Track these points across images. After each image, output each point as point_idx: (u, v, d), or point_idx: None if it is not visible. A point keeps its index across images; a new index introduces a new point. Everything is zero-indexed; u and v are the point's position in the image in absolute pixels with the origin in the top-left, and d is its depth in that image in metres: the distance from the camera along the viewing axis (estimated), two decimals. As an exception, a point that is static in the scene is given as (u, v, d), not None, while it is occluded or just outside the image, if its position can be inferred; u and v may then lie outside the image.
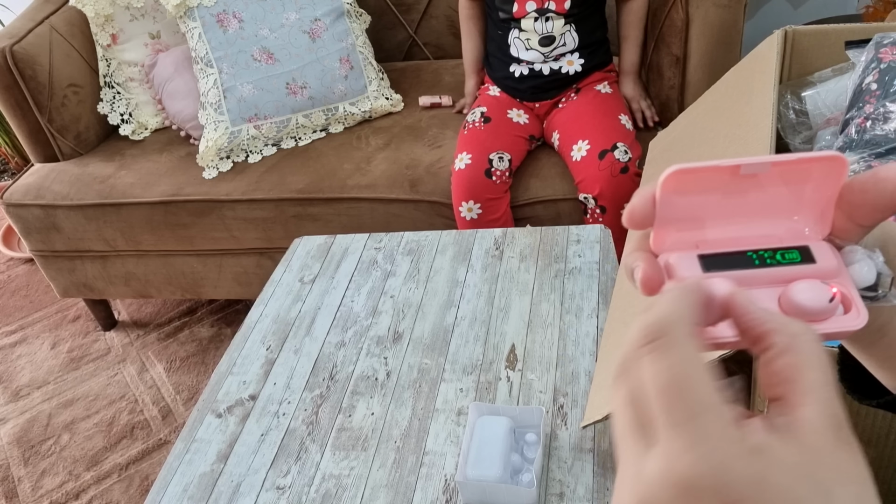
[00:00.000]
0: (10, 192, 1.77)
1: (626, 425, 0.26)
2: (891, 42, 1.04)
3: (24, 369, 1.94)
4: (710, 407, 0.24)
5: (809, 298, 0.29)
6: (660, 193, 0.30)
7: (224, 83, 1.68)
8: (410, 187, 1.56)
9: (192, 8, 1.70)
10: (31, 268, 2.32)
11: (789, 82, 1.22)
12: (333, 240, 1.30)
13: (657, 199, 0.30)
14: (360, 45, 1.80)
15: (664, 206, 0.30)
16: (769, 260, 0.30)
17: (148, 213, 1.69)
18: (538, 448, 0.84)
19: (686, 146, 1.11)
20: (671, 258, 0.31)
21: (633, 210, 0.31)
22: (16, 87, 1.72)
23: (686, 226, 0.32)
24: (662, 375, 0.25)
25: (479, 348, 1.02)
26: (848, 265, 0.30)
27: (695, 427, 0.23)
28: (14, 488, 1.62)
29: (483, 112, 1.58)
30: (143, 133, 1.91)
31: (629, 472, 0.25)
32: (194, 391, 1.79)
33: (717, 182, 0.30)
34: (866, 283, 0.30)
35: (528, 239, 1.21)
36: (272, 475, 0.90)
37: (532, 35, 1.52)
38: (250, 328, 1.14)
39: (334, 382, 1.01)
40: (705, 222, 0.32)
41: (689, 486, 0.23)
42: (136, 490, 1.57)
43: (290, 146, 1.74)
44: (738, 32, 1.49)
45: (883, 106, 0.98)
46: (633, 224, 0.31)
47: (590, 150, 1.45)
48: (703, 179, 0.30)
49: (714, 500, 0.22)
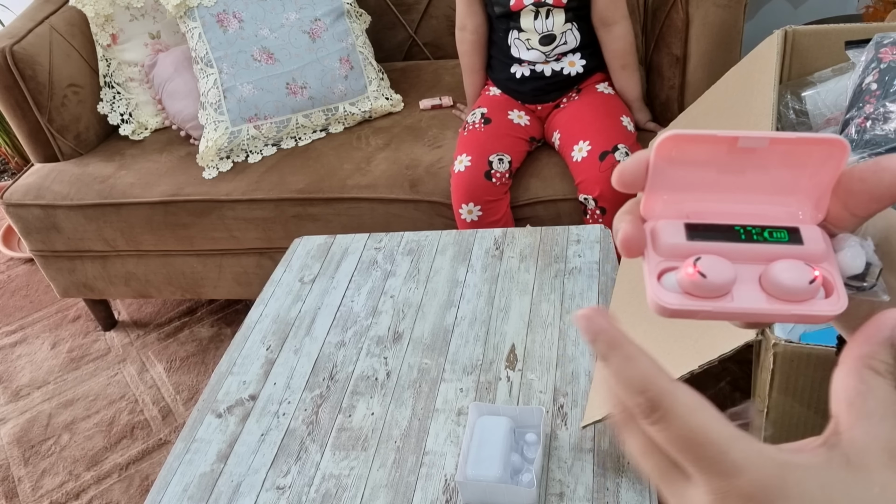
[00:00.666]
0: (10, 192, 1.77)
1: (654, 471, 0.27)
2: (891, 42, 1.04)
3: (24, 369, 1.94)
4: (734, 439, 0.25)
5: (790, 278, 0.28)
6: (654, 158, 0.29)
7: (224, 83, 1.68)
8: (410, 187, 1.56)
9: (192, 8, 1.70)
10: (31, 268, 2.32)
11: (789, 82, 1.22)
12: (333, 240, 1.30)
13: (650, 164, 0.30)
14: (360, 45, 1.80)
15: (657, 173, 0.30)
16: (756, 236, 0.30)
17: (148, 213, 1.69)
18: (538, 448, 0.84)
19: (686, 146, 1.10)
20: (658, 224, 0.30)
21: (624, 171, 0.30)
22: (16, 87, 1.72)
23: (678, 195, 0.31)
24: (677, 437, 0.25)
25: (479, 348, 1.02)
26: (837, 251, 0.30)
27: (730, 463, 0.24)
28: (14, 488, 1.62)
29: (483, 113, 1.58)
30: (143, 133, 1.91)
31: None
32: (194, 391, 1.79)
33: (714, 154, 0.30)
34: (854, 272, 0.29)
35: (528, 239, 1.21)
36: (272, 475, 0.90)
37: (532, 35, 1.52)
38: (250, 328, 1.14)
39: (334, 382, 1.01)
40: (698, 194, 0.31)
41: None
42: (136, 490, 1.57)
43: (290, 146, 1.74)
44: (738, 32, 1.49)
45: (883, 106, 0.98)
46: (623, 185, 0.30)
47: (590, 151, 1.45)
48: (700, 149, 0.30)
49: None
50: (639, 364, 0.26)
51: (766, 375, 0.82)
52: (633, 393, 0.26)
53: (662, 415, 0.25)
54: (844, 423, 0.25)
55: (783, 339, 0.79)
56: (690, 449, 0.25)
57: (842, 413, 0.26)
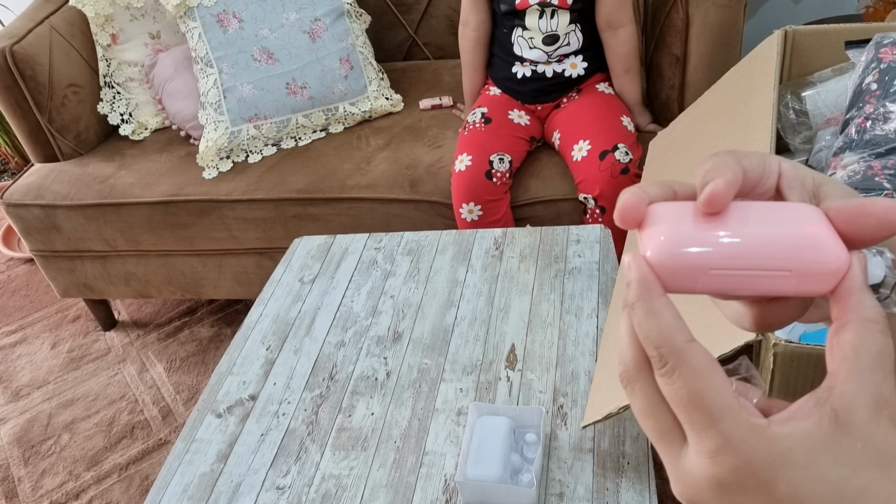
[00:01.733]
0: (10, 192, 1.77)
1: (652, 432, 0.29)
2: (891, 42, 1.04)
3: (24, 369, 1.94)
4: (728, 411, 0.26)
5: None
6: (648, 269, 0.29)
7: (224, 83, 1.68)
8: (410, 187, 1.56)
9: (192, 8, 1.70)
10: (31, 268, 2.32)
11: (789, 82, 1.22)
12: (333, 240, 1.30)
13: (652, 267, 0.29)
14: (360, 45, 1.80)
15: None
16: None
17: (148, 213, 1.69)
18: (538, 448, 0.84)
19: (686, 146, 1.11)
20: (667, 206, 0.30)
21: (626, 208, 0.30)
22: (16, 87, 1.72)
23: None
24: (678, 395, 0.27)
25: (478, 348, 1.02)
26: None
27: (718, 432, 0.26)
28: (14, 488, 1.62)
29: (484, 113, 1.57)
30: (143, 133, 1.91)
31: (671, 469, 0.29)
32: (194, 391, 1.79)
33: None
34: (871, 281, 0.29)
35: (528, 239, 1.21)
36: (272, 475, 0.90)
37: (536, 34, 1.51)
38: (250, 328, 1.14)
39: (334, 382, 1.01)
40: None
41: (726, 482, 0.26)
42: (136, 490, 1.57)
43: (290, 146, 1.74)
44: (738, 32, 1.49)
45: (883, 106, 0.98)
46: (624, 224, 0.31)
47: (590, 151, 1.45)
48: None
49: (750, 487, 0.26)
50: (661, 319, 0.27)
51: (767, 375, 0.82)
52: (650, 346, 0.27)
53: (670, 370, 0.27)
54: (839, 378, 0.26)
55: (783, 340, 0.79)
56: (687, 410, 0.27)
57: (836, 368, 0.27)
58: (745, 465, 0.26)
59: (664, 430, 0.28)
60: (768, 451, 0.26)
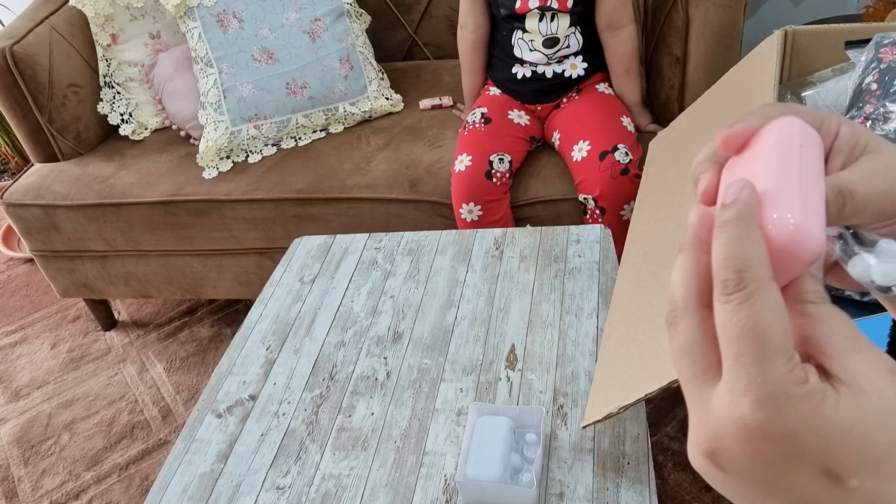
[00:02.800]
0: (10, 192, 1.77)
1: (686, 372, 0.27)
2: (891, 42, 1.04)
3: (24, 369, 1.94)
4: (780, 352, 0.25)
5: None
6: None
7: (224, 83, 1.68)
8: (410, 187, 1.56)
9: (192, 8, 1.70)
10: (31, 268, 2.32)
11: (789, 82, 1.22)
12: (333, 240, 1.30)
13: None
14: (360, 45, 1.80)
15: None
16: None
17: (148, 213, 1.69)
18: (538, 448, 0.84)
19: (686, 146, 1.11)
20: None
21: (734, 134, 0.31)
22: (16, 87, 1.72)
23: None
24: (741, 323, 0.25)
25: (479, 348, 1.02)
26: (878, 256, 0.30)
27: (761, 370, 0.25)
28: (14, 488, 1.62)
29: (483, 113, 1.57)
30: (143, 133, 1.91)
31: (698, 415, 0.27)
32: (194, 391, 1.79)
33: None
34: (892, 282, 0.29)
35: (528, 239, 1.21)
36: (272, 475, 0.90)
37: (536, 36, 1.52)
38: (250, 328, 1.14)
39: (334, 382, 1.01)
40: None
41: (752, 428, 0.25)
42: (136, 490, 1.57)
43: (290, 146, 1.74)
44: (738, 32, 1.49)
45: (883, 106, 0.98)
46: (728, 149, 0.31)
47: (590, 151, 1.45)
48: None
49: (776, 437, 0.24)
50: (756, 245, 0.26)
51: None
52: (730, 268, 0.26)
53: (744, 297, 0.25)
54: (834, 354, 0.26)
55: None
56: (742, 340, 0.25)
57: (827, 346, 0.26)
58: (777, 415, 0.25)
59: (700, 370, 0.27)
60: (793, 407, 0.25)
